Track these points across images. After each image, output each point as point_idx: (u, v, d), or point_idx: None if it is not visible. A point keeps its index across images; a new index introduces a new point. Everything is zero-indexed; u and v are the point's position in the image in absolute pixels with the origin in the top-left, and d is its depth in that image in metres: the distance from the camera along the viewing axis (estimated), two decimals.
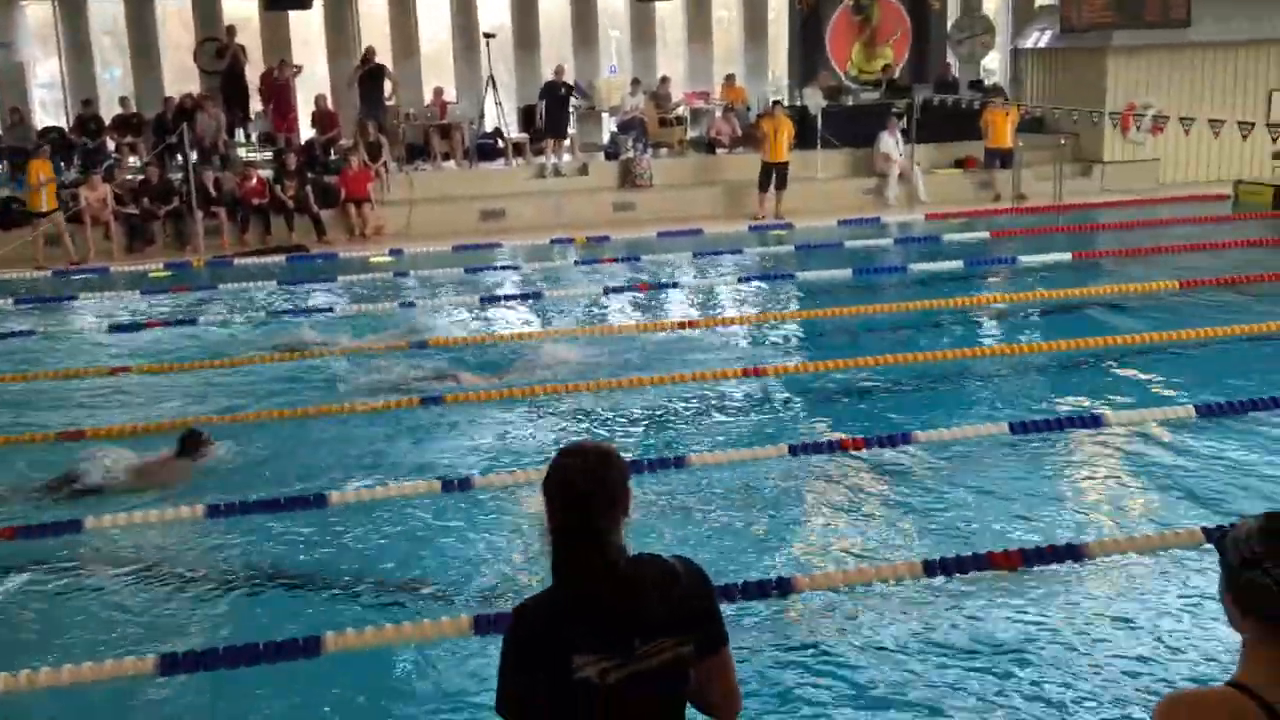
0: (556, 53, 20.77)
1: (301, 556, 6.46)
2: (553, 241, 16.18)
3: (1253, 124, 14.87)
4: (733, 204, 18.24)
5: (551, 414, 8.64)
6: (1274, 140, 15.55)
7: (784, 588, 5.72)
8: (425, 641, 5.29)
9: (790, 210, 17.58)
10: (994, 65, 23.08)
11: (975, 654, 5.21)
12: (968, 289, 12.35)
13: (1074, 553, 5.96)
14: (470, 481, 7.13)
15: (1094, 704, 4.78)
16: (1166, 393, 8.65)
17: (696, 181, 19.02)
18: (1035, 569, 5.89)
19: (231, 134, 19.20)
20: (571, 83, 19.22)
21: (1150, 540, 6.03)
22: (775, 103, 18.66)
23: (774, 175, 17.57)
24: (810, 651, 5.30)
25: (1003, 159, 18.33)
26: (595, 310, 12.18)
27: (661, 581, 2.62)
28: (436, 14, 21.45)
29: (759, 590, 5.69)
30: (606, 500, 2.58)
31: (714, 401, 8.93)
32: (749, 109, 20.57)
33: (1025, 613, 5.54)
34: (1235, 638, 2.23)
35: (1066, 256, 13.75)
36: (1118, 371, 9.38)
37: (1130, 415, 8.08)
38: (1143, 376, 9.20)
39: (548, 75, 19.52)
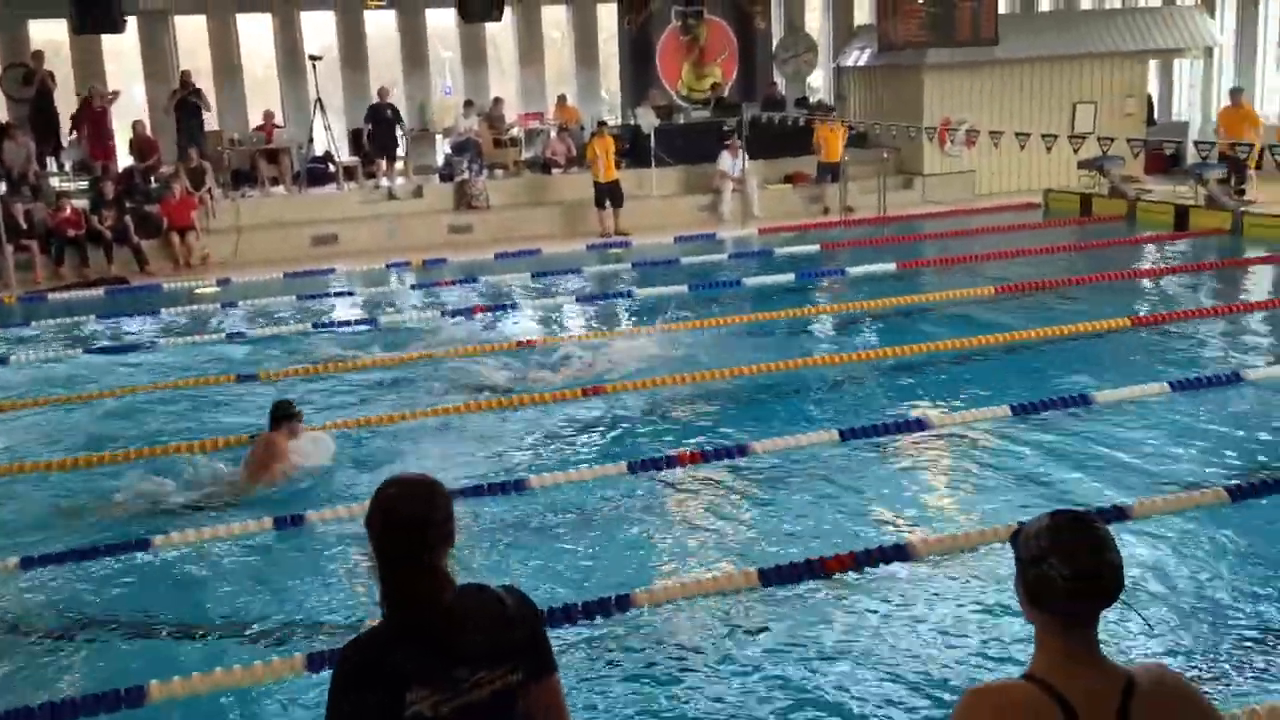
0: (386, 74, 20.47)
1: (126, 604, 6.17)
2: (388, 266, 15.94)
3: (1056, 136, 15.70)
4: (570, 223, 18.30)
5: (388, 443, 8.49)
6: (1075, 151, 16.46)
7: (623, 604, 5.76)
8: (257, 684, 5.12)
9: (628, 228, 17.74)
10: (818, 83, 23.77)
11: (812, 658, 5.33)
12: (800, 300, 12.66)
13: (901, 553, 6.17)
14: (303, 518, 6.95)
15: (919, 698, 4.94)
16: (985, 394, 9.02)
17: (533, 202, 19.02)
18: (866, 570, 6.08)
19: (42, 163, 18.29)
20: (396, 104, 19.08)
21: (970, 537, 6.29)
22: (600, 124, 18.82)
23: (607, 194, 17.71)
24: (652, 665, 5.34)
25: (834, 173, 18.89)
26: (433, 334, 12.03)
27: (490, 611, 2.63)
28: (259, 35, 20.91)
29: (599, 608, 5.71)
30: (434, 531, 2.58)
31: (554, 422, 8.92)
32: (583, 129, 20.69)
33: (859, 613, 5.70)
34: None
35: (892, 266, 14.26)
36: (940, 375, 9.75)
37: (952, 417, 8.42)
38: (964, 379, 9.59)
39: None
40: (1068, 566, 2.18)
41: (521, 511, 7.13)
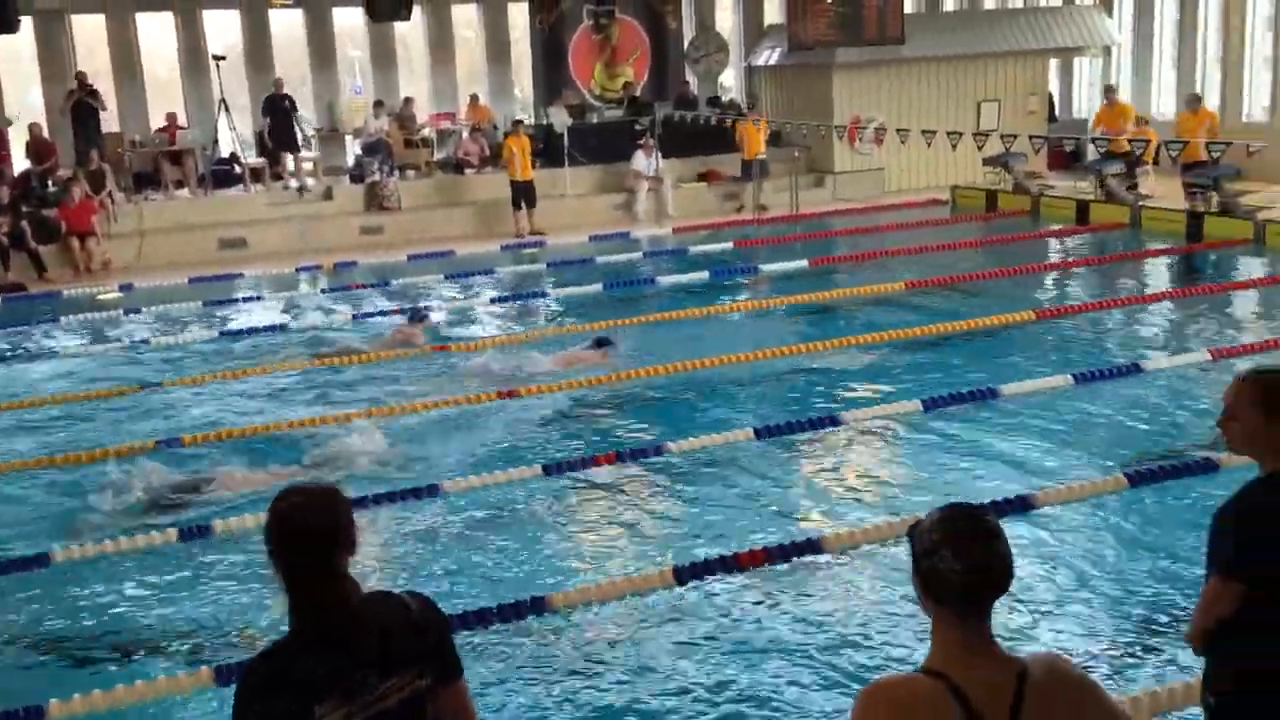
0: (293, 74, 20.12)
1: (23, 620, 5.98)
2: (299, 269, 15.68)
3: (961, 134, 16.00)
4: (485, 224, 18.18)
5: (299, 448, 8.34)
6: (979, 148, 16.81)
7: (539, 607, 5.73)
8: (161, 699, 5.00)
9: (542, 227, 17.68)
10: (730, 82, 23.94)
11: (727, 654, 5.36)
12: (714, 299, 12.73)
13: (814, 546, 6.24)
14: (210, 528, 6.80)
15: (833, 691, 5.00)
16: (896, 389, 9.16)
17: (446, 202, 18.86)
18: (780, 565, 6.13)
19: None
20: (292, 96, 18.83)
21: (881, 530, 6.38)
22: (516, 122, 18.75)
23: (523, 194, 17.63)
24: (569, 667, 5.33)
25: (756, 170, 18.98)
26: (345, 336, 11.86)
27: (396, 617, 2.61)
28: (161, 35, 20.43)
29: (514, 612, 5.68)
30: (341, 536, 2.56)
31: (469, 425, 8.85)
32: (496, 128, 20.57)
33: (773, 608, 5.75)
34: None
35: (804, 263, 14.42)
36: (852, 371, 9.86)
37: (865, 412, 8.53)
38: (875, 375, 9.72)
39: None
40: (958, 559, 2.22)
41: (436, 516, 7.06)
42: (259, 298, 14.27)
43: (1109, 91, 18.73)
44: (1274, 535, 2.98)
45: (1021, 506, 6.63)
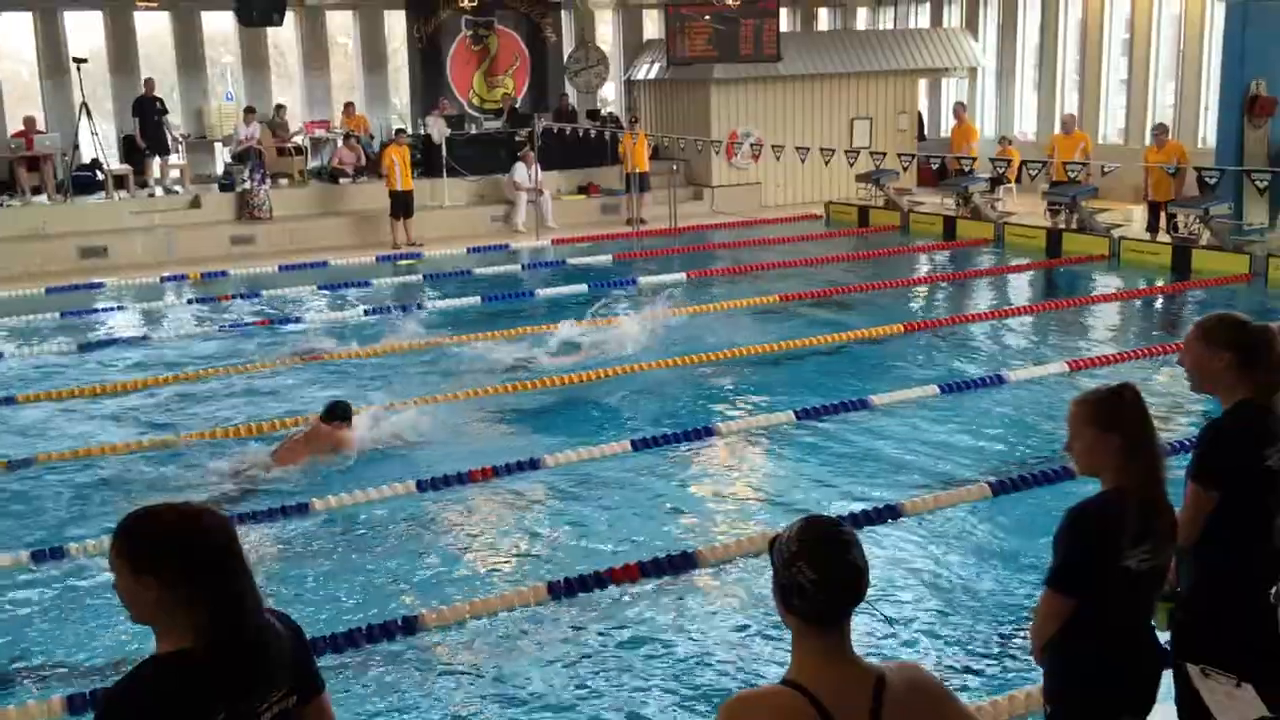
0: (161, 79, 19.49)
1: None
2: (164, 279, 15.19)
3: (834, 150, 16.33)
4: (362, 234, 17.87)
5: (161, 465, 8.07)
6: (851, 165, 17.20)
7: (410, 626, 5.64)
8: None
9: (420, 239, 17.46)
10: (610, 95, 24.03)
11: (602, 669, 5.35)
12: (592, 311, 12.71)
13: (689, 560, 6.27)
14: (64, 550, 6.52)
15: (706, 705, 5.02)
16: (770, 400, 9.29)
17: (322, 212, 18.50)
18: (655, 579, 6.15)
19: None
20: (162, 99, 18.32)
21: (755, 542, 6.44)
22: (398, 131, 18.50)
23: (403, 204, 17.40)
24: (440, 684, 5.25)
25: (640, 183, 19.04)
26: (212, 350, 11.52)
27: (267, 634, 2.55)
28: (19, 35, 19.60)
29: (384, 632, 5.58)
30: (241, 554, 2.48)
31: None
32: (372, 137, 20.28)
33: (646, 622, 5.75)
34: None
35: (682, 276, 14.54)
36: (727, 383, 9.98)
37: (740, 424, 8.62)
38: (750, 386, 9.85)
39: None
40: (815, 571, 2.25)
41: (306, 535, 6.89)
42: (120, 308, 13.77)
43: (959, 109, 19.39)
44: (1098, 548, 3.12)
45: (890, 515, 6.79)
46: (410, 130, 19.63)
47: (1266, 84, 14.90)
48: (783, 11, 21.83)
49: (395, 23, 21.74)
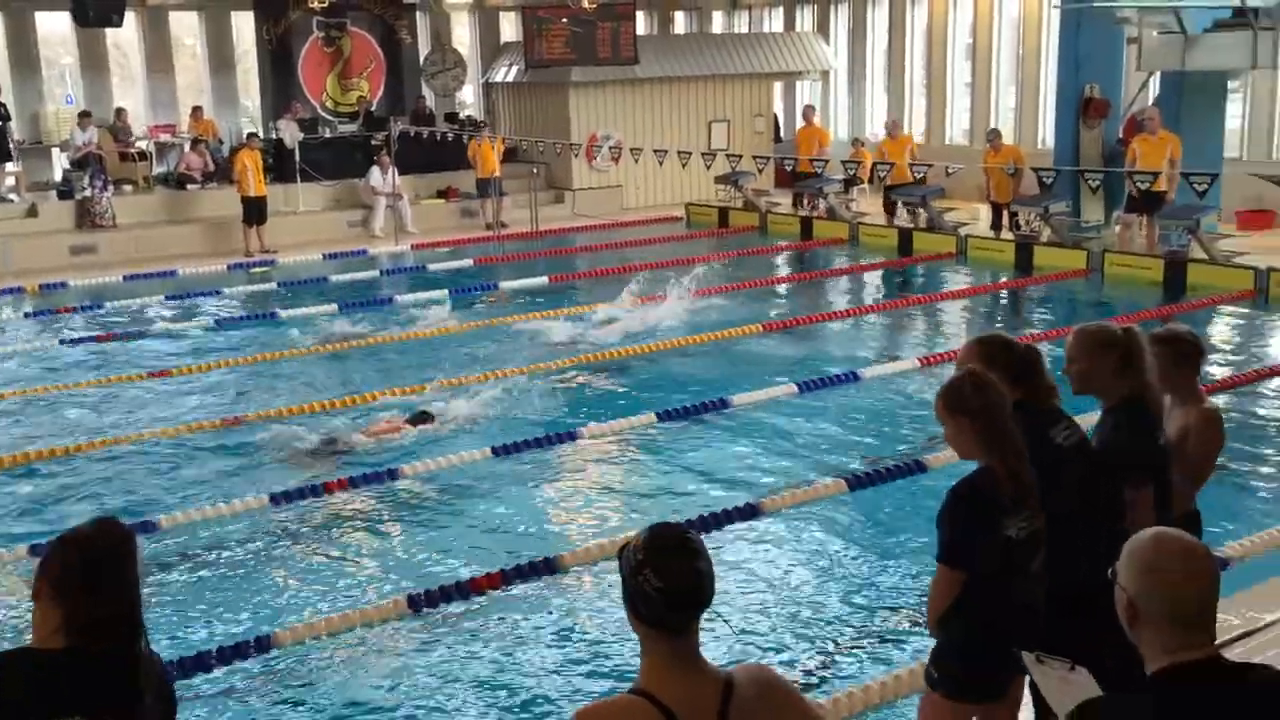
0: None
1: None
2: None
3: (691, 153, 16.50)
4: (213, 242, 17.31)
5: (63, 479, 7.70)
6: (708, 167, 17.42)
7: (263, 645, 5.48)
8: None
9: (274, 245, 17.00)
10: (469, 98, 23.83)
11: (465, 680, 5.29)
12: (453, 317, 12.56)
13: (550, 566, 6.24)
14: None
15: (558, 711, 5.01)
16: (632, 402, 9.32)
17: (169, 219, 17.88)
18: (517, 587, 6.10)
19: None
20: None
21: (617, 545, 6.43)
22: (250, 135, 18.00)
23: (256, 210, 16.92)
24: (294, 707, 5.11)
25: (492, 188, 18.87)
26: (51, 366, 11.00)
27: (143, 662, 2.56)
28: None
29: (236, 653, 5.41)
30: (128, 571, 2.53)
31: (190, 456, 8.38)
32: (221, 142, 19.67)
33: (508, 631, 5.70)
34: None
35: (544, 280, 14.49)
36: (589, 387, 9.97)
37: (602, 427, 8.62)
38: (612, 389, 9.87)
39: None
40: (660, 579, 2.25)
41: (151, 553, 6.63)
42: None
43: (808, 111, 19.81)
44: (981, 522, 3.30)
45: (750, 513, 6.87)
46: (262, 134, 19.11)
47: (1100, 87, 15.61)
48: (639, 15, 22.00)
49: (243, 24, 21.16)
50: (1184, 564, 2.27)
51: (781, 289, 14.42)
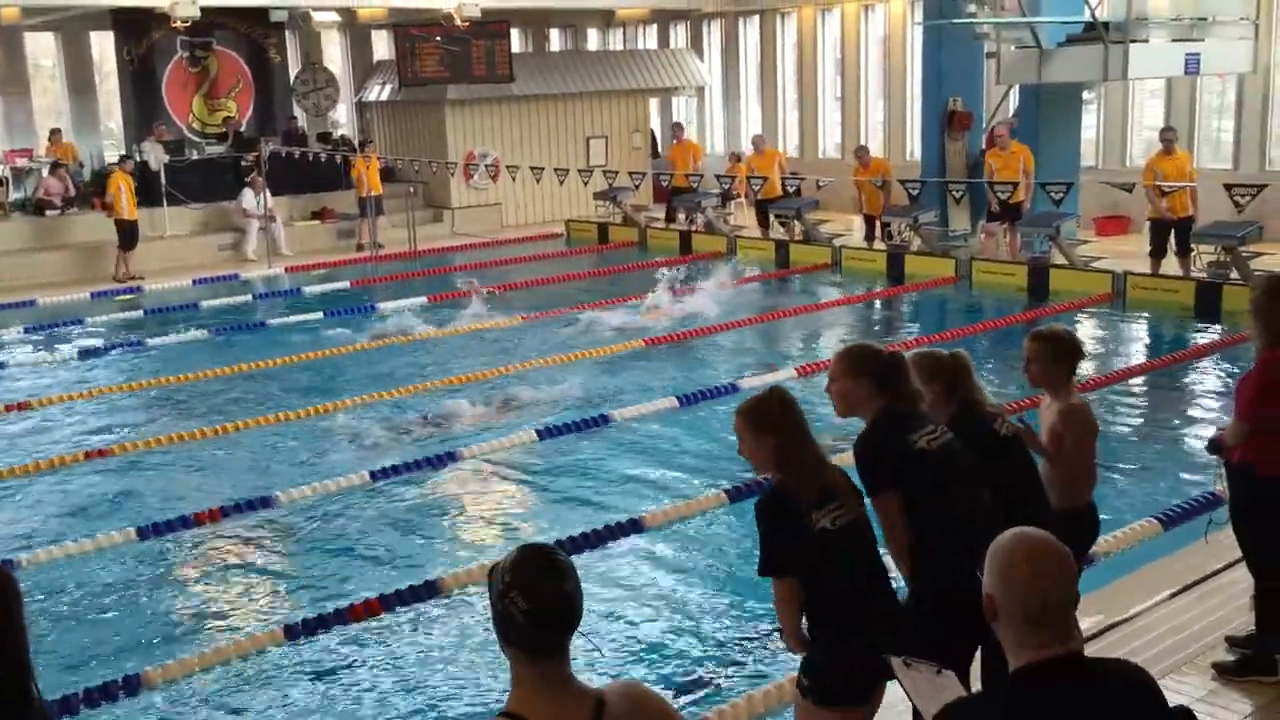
0: None
1: None
2: None
3: (568, 170, 16.49)
4: (76, 270, 16.69)
5: None
6: (585, 184, 17.47)
7: (132, 686, 5.27)
8: None
9: (140, 271, 16.45)
10: (342, 118, 23.47)
11: (347, 707, 5.17)
12: (327, 340, 12.33)
13: (431, 590, 6.15)
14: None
15: None
16: (513, 421, 9.25)
17: (26, 247, 17.16)
18: (397, 611, 5.99)
19: None
20: None
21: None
22: (123, 157, 17.38)
23: (132, 234, 16.37)
24: None
25: (374, 207, 18.56)
26: None
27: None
28: None
29: (104, 694, 5.19)
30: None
31: (52, 491, 8.04)
32: (81, 165, 18.99)
33: (389, 657, 5.60)
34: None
35: (423, 300, 14.32)
36: (469, 405, 9.84)
37: (482, 447, 8.53)
38: (488, 408, 9.77)
39: None
40: (525, 600, 2.22)
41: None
42: None
43: (677, 129, 19.97)
44: (787, 526, 3.38)
45: (632, 528, 6.87)
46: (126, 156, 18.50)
47: (963, 100, 16.10)
48: (514, 33, 21.96)
49: (104, 44, 20.50)
50: (1035, 563, 2.33)
51: (662, 303, 14.47)
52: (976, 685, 3.71)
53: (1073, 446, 4.32)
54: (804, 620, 3.47)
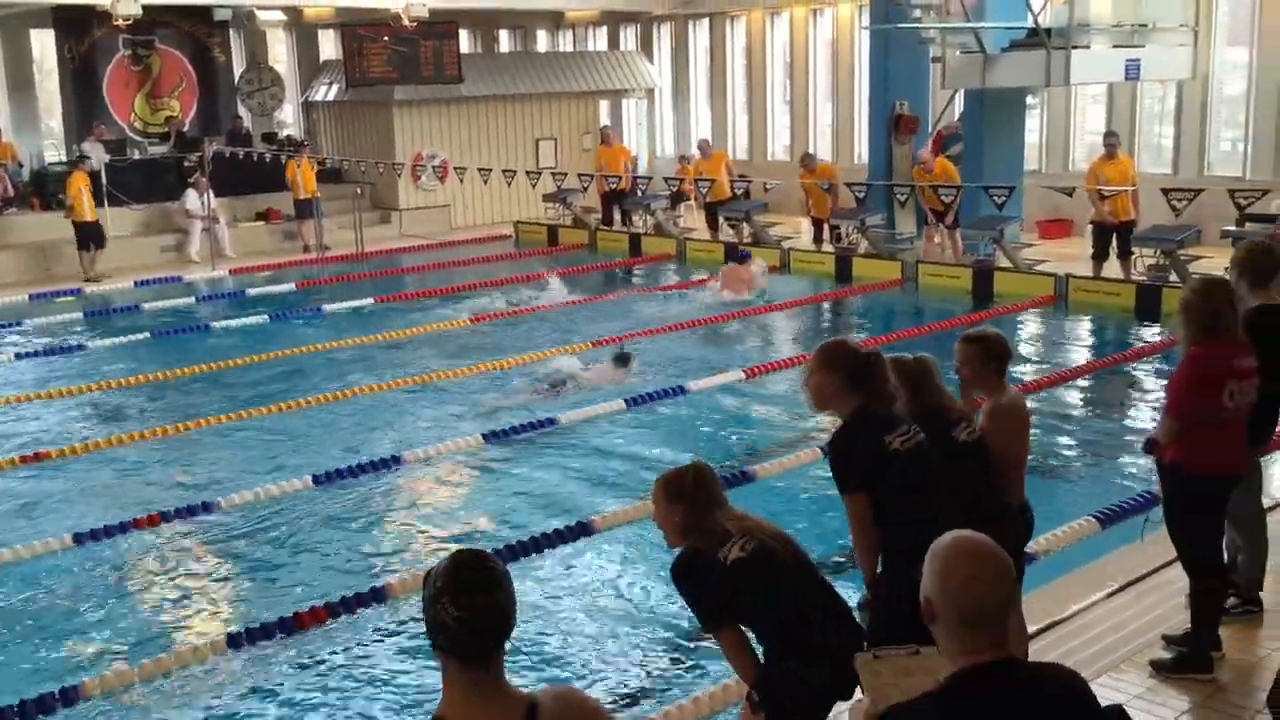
0: None
1: None
2: None
3: (515, 172, 16.45)
4: (18, 270, 16.38)
5: None
6: (534, 186, 17.43)
7: (70, 697, 5.17)
8: None
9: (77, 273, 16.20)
10: (288, 118, 23.23)
11: (294, 714, 5.11)
12: (272, 343, 12.19)
13: (378, 595, 6.09)
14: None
15: None
16: (458, 424, 9.20)
17: None
18: (344, 618, 5.93)
19: None
20: None
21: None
22: (80, 157, 17.07)
23: (92, 235, 16.12)
24: None
25: (311, 209, 18.36)
26: None
27: None
28: None
29: (40, 707, 5.09)
30: None
31: None
32: (21, 165, 18.64)
33: (335, 665, 5.55)
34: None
35: (370, 301, 14.21)
36: (415, 409, 9.80)
37: (427, 450, 8.47)
38: (436, 410, 9.72)
39: None
40: (458, 608, 2.21)
41: None
42: None
43: (605, 133, 19.82)
44: (711, 581, 3.44)
45: (581, 532, 6.86)
46: (63, 156, 18.21)
47: (909, 104, 16.26)
48: (463, 33, 21.86)
49: (44, 41, 20.14)
50: (971, 566, 2.35)
51: (610, 304, 14.49)
52: None
53: (998, 445, 4.35)
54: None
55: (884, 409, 3.85)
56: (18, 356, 11.96)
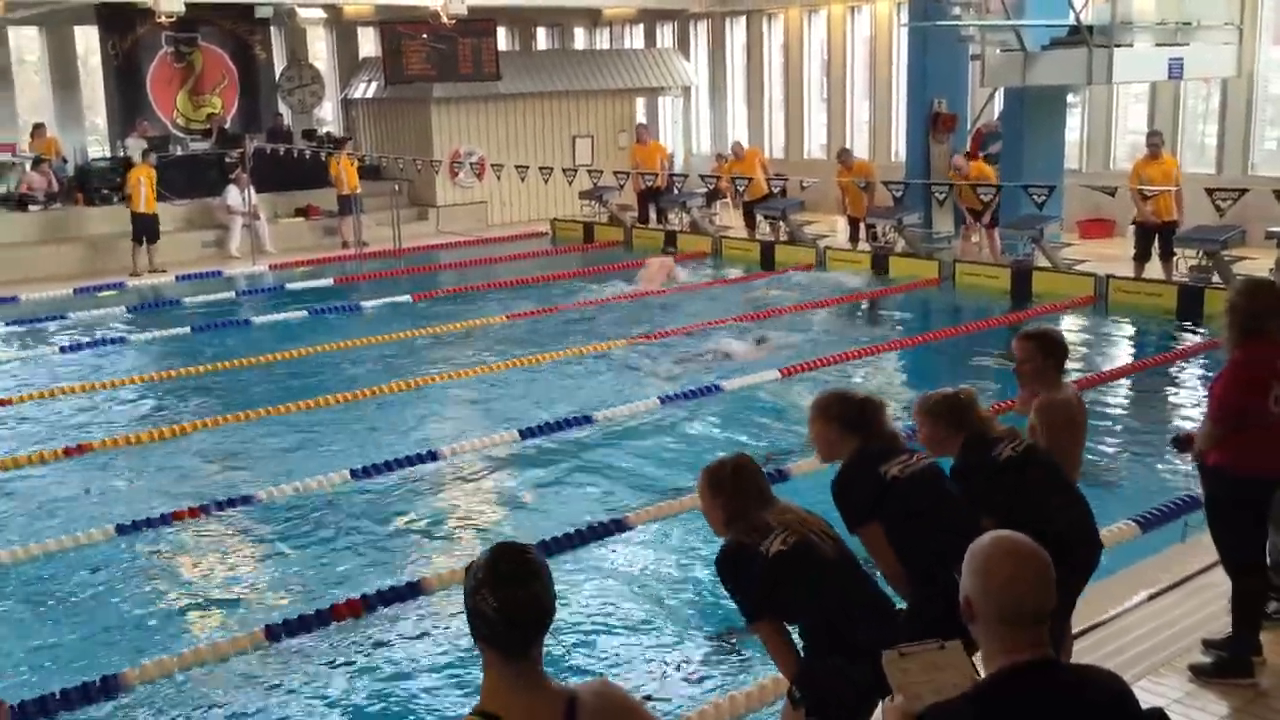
0: None
1: None
2: None
3: (552, 169, 16.46)
4: (68, 264, 16.64)
5: None
6: (570, 183, 17.46)
7: (111, 688, 5.24)
8: None
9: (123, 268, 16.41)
10: (327, 115, 23.40)
11: (327, 707, 5.16)
12: (312, 338, 12.29)
13: (415, 590, 6.13)
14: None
15: None
16: (494, 420, 9.25)
17: (9, 243, 17.05)
18: (379, 612, 5.98)
19: None
20: None
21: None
22: (145, 151, 17.25)
23: (147, 228, 16.33)
24: None
25: (354, 204, 18.48)
26: None
27: None
28: None
29: (83, 695, 5.17)
30: None
31: (32, 487, 8.01)
32: (65, 160, 18.89)
33: (372, 657, 5.60)
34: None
35: (407, 298, 14.30)
36: (451, 404, 9.86)
37: (464, 445, 8.51)
38: (478, 406, 9.77)
39: None
40: (497, 600, 2.23)
41: None
42: None
43: (640, 131, 19.80)
44: (753, 575, 3.46)
45: (617, 528, 6.87)
46: (108, 153, 18.44)
47: (947, 102, 16.15)
48: (501, 31, 21.94)
49: (88, 39, 20.39)
50: (1012, 565, 2.34)
51: (644, 302, 14.49)
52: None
53: (1048, 439, 4.35)
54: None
55: (882, 445, 3.95)
56: (62, 350, 12.13)
